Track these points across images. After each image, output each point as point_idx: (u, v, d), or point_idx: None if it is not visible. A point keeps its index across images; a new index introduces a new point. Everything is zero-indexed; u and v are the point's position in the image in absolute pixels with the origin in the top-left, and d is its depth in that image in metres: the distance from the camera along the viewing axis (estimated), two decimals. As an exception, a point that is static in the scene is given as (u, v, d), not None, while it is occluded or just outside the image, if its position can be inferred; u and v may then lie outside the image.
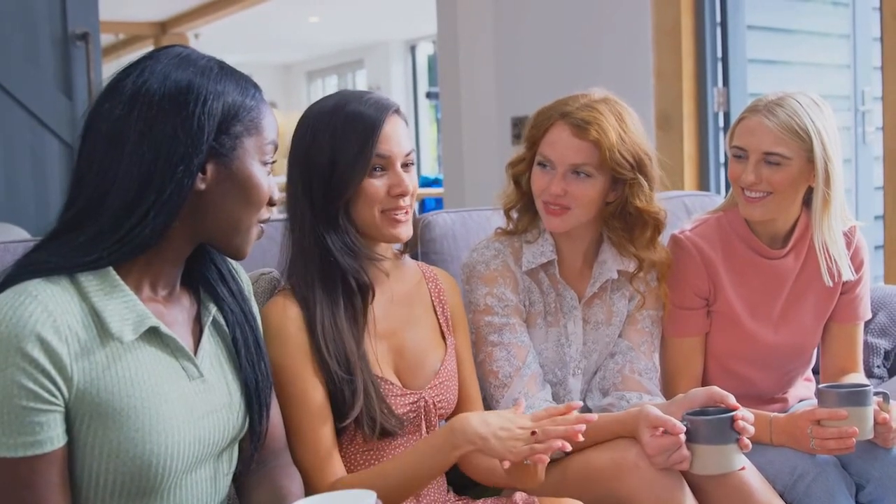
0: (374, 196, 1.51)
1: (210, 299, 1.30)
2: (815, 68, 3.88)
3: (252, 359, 1.32)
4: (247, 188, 1.21)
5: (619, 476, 1.54)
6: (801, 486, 1.68)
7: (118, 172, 1.14)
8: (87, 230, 1.15)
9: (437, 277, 1.72)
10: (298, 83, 12.92)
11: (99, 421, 1.12)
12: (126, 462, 1.13)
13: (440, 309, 1.68)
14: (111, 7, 4.30)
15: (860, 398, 1.66)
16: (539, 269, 1.83)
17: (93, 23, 3.19)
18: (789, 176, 1.80)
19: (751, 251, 1.91)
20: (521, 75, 3.80)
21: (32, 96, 3.09)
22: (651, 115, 3.37)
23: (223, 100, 1.18)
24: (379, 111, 1.51)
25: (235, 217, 1.22)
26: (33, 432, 1.08)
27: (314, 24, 9.81)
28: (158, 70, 1.18)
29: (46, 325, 1.08)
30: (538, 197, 1.79)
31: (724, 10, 3.33)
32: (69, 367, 1.10)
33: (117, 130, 1.15)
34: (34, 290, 1.10)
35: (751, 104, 1.87)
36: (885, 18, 2.82)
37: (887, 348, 2.25)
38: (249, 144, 1.21)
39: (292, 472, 1.40)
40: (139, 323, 1.16)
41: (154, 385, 1.16)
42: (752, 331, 1.90)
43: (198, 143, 1.15)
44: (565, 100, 1.80)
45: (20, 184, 3.11)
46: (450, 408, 1.64)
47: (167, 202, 1.15)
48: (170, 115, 1.15)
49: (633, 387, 1.80)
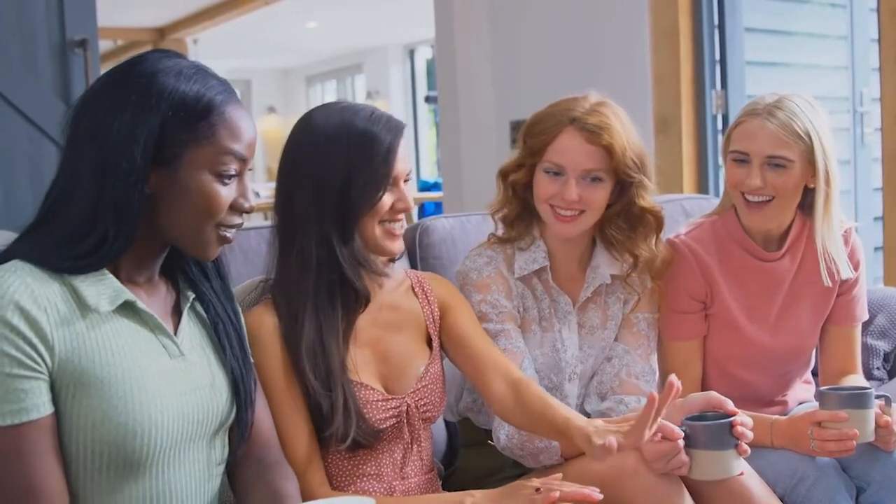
0: (381, 211, 1.54)
1: (189, 288, 1.32)
2: (813, 70, 3.88)
3: (236, 353, 1.34)
4: (194, 198, 1.21)
5: (618, 482, 1.54)
6: (801, 489, 1.68)
7: (81, 170, 1.18)
8: (58, 230, 1.17)
9: (424, 280, 1.73)
10: (297, 88, 12.93)
11: (83, 390, 1.15)
12: (111, 430, 1.16)
13: (427, 309, 1.68)
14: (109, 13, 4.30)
15: (861, 401, 1.66)
16: (532, 276, 1.83)
17: (91, 29, 3.18)
18: (793, 178, 1.80)
19: (746, 254, 1.90)
20: (519, 79, 3.80)
21: (30, 103, 3.09)
22: (649, 117, 3.37)
23: (171, 102, 1.18)
24: (393, 134, 1.54)
25: (187, 225, 1.23)
26: (18, 399, 1.11)
27: (313, 30, 9.82)
28: (143, 67, 1.20)
29: (24, 294, 1.12)
30: (544, 203, 1.78)
31: (721, 12, 3.33)
32: (49, 335, 1.13)
33: (95, 126, 1.18)
34: (13, 266, 1.15)
35: (748, 107, 1.86)
36: (883, 19, 2.82)
37: (887, 350, 2.25)
38: (199, 154, 1.20)
39: (288, 473, 1.40)
40: (115, 297, 1.19)
41: (134, 357, 1.19)
42: (750, 334, 1.90)
43: (133, 146, 1.16)
44: (567, 104, 1.79)
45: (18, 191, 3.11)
46: (435, 412, 1.64)
47: (124, 214, 1.16)
48: (116, 112, 1.17)
49: (631, 390, 1.79)
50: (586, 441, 1.44)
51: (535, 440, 1.67)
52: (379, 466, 1.59)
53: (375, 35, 10.12)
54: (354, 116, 1.54)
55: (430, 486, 1.66)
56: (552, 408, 1.54)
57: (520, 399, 1.58)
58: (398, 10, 8.43)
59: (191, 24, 8.83)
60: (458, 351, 1.68)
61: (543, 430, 1.57)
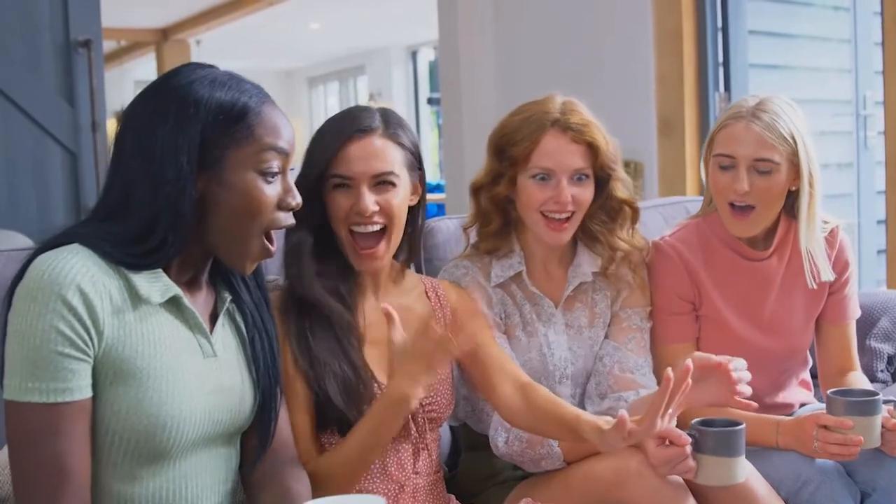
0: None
1: (226, 291, 1.35)
2: (816, 73, 3.88)
3: (267, 361, 1.37)
4: (237, 197, 1.24)
5: (621, 484, 1.53)
6: (805, 492, 1.67)
7: (138, 185, 1.21)
8: (119, 229, 1.21)
9: (438, 286, 1.74)
10: (300, 89, 12.94)
11: (121, 378, 1.18)
12: (142, 420, 1.18)
13: (440, 313, 1.69)
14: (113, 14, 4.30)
15: (867, 407, 1.64)
16: (510, 282, 1.82)
17: (95, 30, 3.19)
18: (778, 183, 1.79)
19: (733, 253, 1.90)
20: (522, 81, 3.80)
21: (34, 103, 3.10)
22: (653, 120, 3.37)
23: (209, 109, 1.21)
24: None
25: (235, 228, 1.25)
26: (65, 379, 1.13)
27: (315, 31, 9.82)
28: (182, 79, 1.24)
29: (86, 278, 1.15)
30: (535, 212, 1.75)
31: (725, 14, 3.33)
32: (102, 321, 1.16)
33: (143, 139, 1.21)
34: (76, 249, 1.18)
35: (730, 110, 1.84)
36: (886, 23, 2.82)
37: (890, 353, 2.24)
38: (241, 154, 1.24)
39: (299, 474, 1.41)
40: (165, 290, 1.23)
41: (174, 352, 1.23)
42: (742, 334, 1.89)
43: (178, 156, 1.20)
44: (538, 107, 1.76)
45: (22, 191, 3.12)
46: (441, 412, 1.64)
47: (178, 218, 1.20)
48: (158, 126, 1.21)
49: (627, 385, 1.77)
50: (597, 433, 1.44)
51: (535, 447, 1.66)
52: (385, 465, 1.59)
53: (378, 36, 10.13)
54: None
55: (436, 487, 1.65)
56: (561, 407, 1.54)
57: (528, 402, 1.59)
58: (401, 12, 8.43)
59: (194, 25, 8.83)
60: (467, 356, 1.67)
61: (552, 430, 1.57)
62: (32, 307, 1.13)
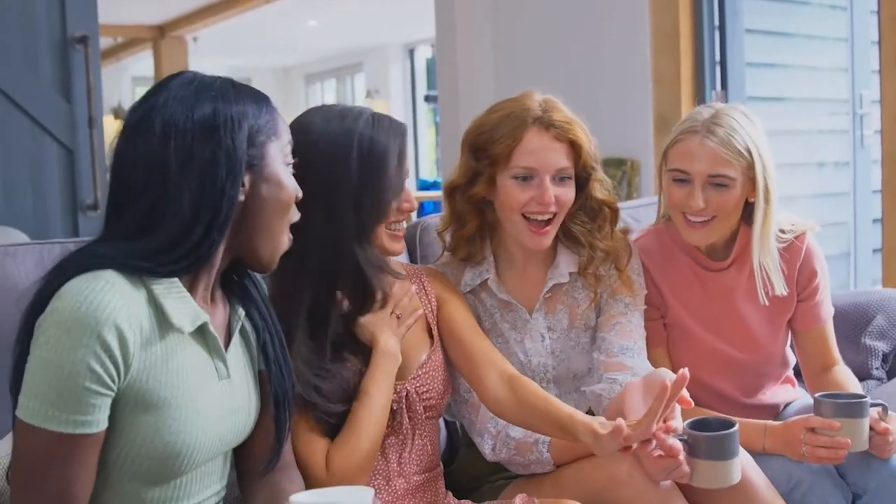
0: (391, 215, 1.56)
1: (240, 304, 1.35)
2: (813, 72, 3.89)
3: (280, 363, 1.37)
4: (277, 190, 1.27)
5: (612, 488, 1.53)
6: (796, 494, 1.66)
7: (168, 199, 1.18)
8: (144, 243, 1.19)
9: (422, 273, 1.74)
10: (297, 86, 12.93)
11: (142, 407, 1.16)
12: (158, 448, 1.18)
13: (426, 301, 1.69)
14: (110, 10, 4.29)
15: (855, 410, 1.63)
16: (479, 289, 1.80)
17: (92, 26, 3.18)
18: (734, 197, 1.76)
19: (693, 263, 1.88)
20: (519, 79, 3.80)
21: (31, 100, 3.08)
22: (650, 118, 3.37)
23: (246, 117, 1.24)
24: (400, 139, 1.55)
25: (269, 221, 1.27)
26: (86, 412, 1.12)
27: (313, 28, 9.82)
28: (179, 101, 1.22)
29: (122, 313, 1.13)
30: (516, 213, 1.71)
31: (722, 13, 3.34)
32: (132, 355, 1.14)
33: (157, 161, 1.19)
34: (111, 278, 1.15)
35: (685, 124, 1.80)
36: (883, 22, 2.82)
37: (885, 351, 2.25)
38: (273, 150, 1.27)
39: (293, 476, 1.41)
40: (195, 318, 1.22)
41: (194, 380, 1.22)
42: (710, 343, 1.88)
43: (236, 162, 1.21)
44: (518, 104, 1.72)
45: (19, 187, 3.11)
46: (437, 399, 1.64)
47: (224, 220, 1.21)
48: (205, 142, 1.20)
49: (616, 368, 1.72)
50: (592, 435, 1.42)
51: (524, 453, 1.66)
52: (386, 459, 1.59)
53: (375, 34, 10.12)
54: (355, 123, 1.53)
55: (432, 485, 1.66)
56: (554, 404, 1.52)
57: (516, 394, 1.57)
58: (398, 10, 8.43)
59: (191, 22, 8.82)
60: (452, 344, 1.67)
61: (543, 427, 1.55)
62: (65, 338, 1.10)
